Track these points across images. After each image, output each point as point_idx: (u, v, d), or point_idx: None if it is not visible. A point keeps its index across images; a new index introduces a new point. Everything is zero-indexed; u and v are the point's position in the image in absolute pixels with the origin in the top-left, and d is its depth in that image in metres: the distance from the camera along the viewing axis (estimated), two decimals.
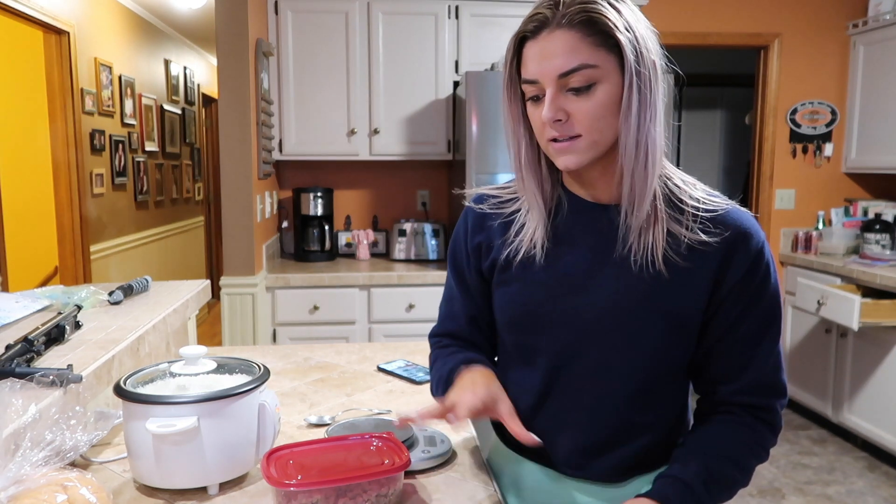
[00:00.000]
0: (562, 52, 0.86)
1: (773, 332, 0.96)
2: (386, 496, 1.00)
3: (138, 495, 1.05)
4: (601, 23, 0.85)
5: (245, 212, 2.93)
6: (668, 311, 0.93)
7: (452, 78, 3.38)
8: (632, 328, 0.94)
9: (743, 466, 0.95)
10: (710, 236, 0.91)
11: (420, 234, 3.51)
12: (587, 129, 0.88)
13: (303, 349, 1.85)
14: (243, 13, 2.82)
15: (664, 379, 0.98)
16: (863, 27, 3.82)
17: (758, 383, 0.96)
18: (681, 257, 0.91)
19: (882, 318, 3.10)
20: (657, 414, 0.99)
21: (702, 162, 5.47)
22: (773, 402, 0.97)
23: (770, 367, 0.96)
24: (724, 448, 0.95)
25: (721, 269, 0.92)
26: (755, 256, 0.93)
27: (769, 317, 0.95)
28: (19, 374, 1.01)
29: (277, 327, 3.12)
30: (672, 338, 0.94)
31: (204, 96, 6.42)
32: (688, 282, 0.92)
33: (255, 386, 1.06)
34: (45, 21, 3.36)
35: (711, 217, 0.92)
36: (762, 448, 0.97)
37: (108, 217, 4.15)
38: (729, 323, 0.94)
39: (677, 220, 0.92)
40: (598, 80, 0.86)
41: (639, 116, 0.87)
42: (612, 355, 0.95)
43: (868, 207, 3.87)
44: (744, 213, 0.95)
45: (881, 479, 3.19)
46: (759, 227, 0.95)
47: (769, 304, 0.95)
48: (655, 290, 0.92)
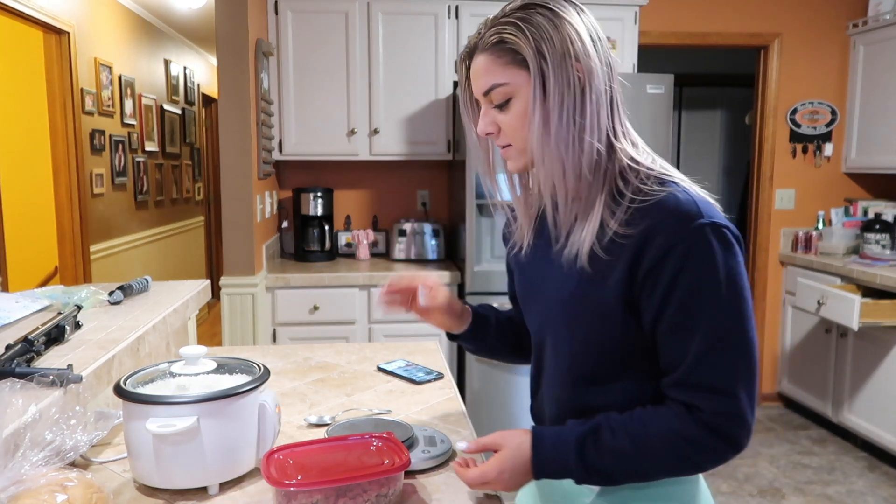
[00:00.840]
0: (481, 74, 0.96)
1: (702, 324, 0.88)
2: (386, 496, 1.00)
3: (138, 495, 1.05)
4: (510, 42, 0.93)
5: (245, 212, 2.93)
6: (593, 303, 0.95)
7: (452, 78, 3.38)
8: (568, 318, 0.99)
9: (640, 442, 0.91)
10: (632, 227, 0.90)
11: (420, 234, 3.51)
12: (512, 139, 0.98)
13: (303, 349, 1.85)
14: (243, 13, 2.82)
15: (609, 366, 0.98)
16: (863, 27, 3.82)
17: (682, 379, 0.90)
18: (604, 250, 0.93)
19: (882, 318, 3.10)
20: (610, 398, 0.98)
21: (702, 162, 5.47)
22: (699, 400, 0.89)
23: (699, 363, 0.88)
24: (631, 420, 0.93)
25: (635, 260, 0.90)
26: (671, 242, 0.88)
27: (692, 307, 0.88)
28: (19, 374, 1.01)
29: (277, 327, 3.12)
30: (601, 328, 0.96)
31: (204, 96, 6.42)
32: (608, 274, 0.93)
33: (255, 386, 1.06)
34: (45, 21, 3.36)
35: (640, 208, 0.91)
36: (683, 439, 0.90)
37: (107, 217, 4.15)
38: (652, 313, 0.91)
39: (612, 212, 0.93)
40: (513, 94, 0.95)
41: (543, 124, 0.92)
42: (560, 341, 1.02)
43: (868, 207, 3.87)
44: (680, 199, 0.90)
45: (881, 479, 3.19)
46: (699, 211, 0.89)
47: (692, 293, 0.88)
48: (581, 283, 0.96)
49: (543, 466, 0.95)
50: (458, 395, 1.53)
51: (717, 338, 0.88)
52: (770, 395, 4.19)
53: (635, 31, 3.43)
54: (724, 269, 0.88)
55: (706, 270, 0.87)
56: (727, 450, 0.89)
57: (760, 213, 4.07)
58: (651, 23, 3.75)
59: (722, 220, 0.90)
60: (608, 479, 0.94)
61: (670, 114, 3.08)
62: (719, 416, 0.88)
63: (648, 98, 3.04)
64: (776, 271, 4.10)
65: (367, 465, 1.01)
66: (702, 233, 0.88)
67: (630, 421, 0.93)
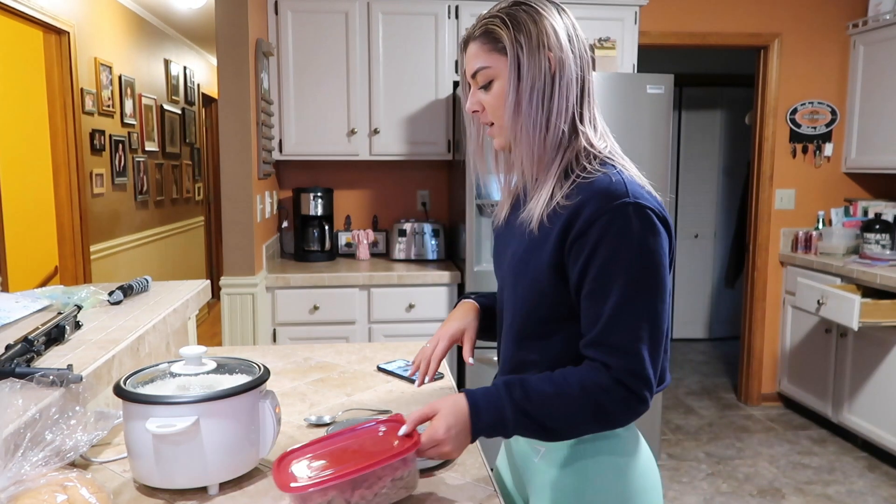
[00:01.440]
0: (471, 58, 1.11)
1: (614, 291, 0.99)
2: (402, 479, 0.99)
3: (138, 495, 1.05)
4: (494, 32, 1.08)
5: (245, 212, 2.93)
6: (532, 265, 1.08)
7: (452, 78, 3.38)
8: (515, 280, 1.13)
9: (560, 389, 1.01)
10: (569, 200, 1.04)
11: (420, 234, 3.51)
12: (494, 117, 1.11)
13: (303, 349, 1.85)
14: (243, 13, 2.82)
15: (541, 325, 1.10)
16: (863, 27, 3.82)
17: (594, 339, 1.02)
18: (547, 220, 1.06)
19: (882, 317, 3.10)
20: (540, 353, 1.11)
21: (702, 162, 5.47)
22: (608, 358, 1.00)
23: (609, 326, 1.00)
24: (553, 373, 1.04)
25: (565, 229, 1.03)
26: (595, 215, 1.00)
27: (607, 276, 1.00)
28: (19, 374, 1.01)
29: (277, 327, 3.12)
30: (536, 289, 1.08)
31: (204, 96, 6.42)
32: (545, 241, 1.06)
33: (255, 386, 1.06)
34: (45, 21, 3.36)
35: (581, 184, 1.04)
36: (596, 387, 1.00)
37: (107, 217, 4.15)
38: (575, 278, 1.04)
39: (562, 187, 1.06)
40: (495, 77, 1.09)
41: (516, 104, 1.06)
42: (509, 301, 1.15)
43: (868, 207, 3.88)
44: (613, 180, 1.02)
45: (881, 479, 3.19)
46: (626, 192, 1.00)
47: (608, 263, 0.99)
48: (527, 248, 1.09)
49: (479, 416, 1.02)
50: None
51: (626, 303, 0.99)
52: (770, 395, 4.19)
53: (635, 31, 3.43)
54: (638, 244, 0.99)
55: (622, 243, 0.99)
56: (634, 401, 1.01)
57: (760, 213, 4.07)
58: (651, 23, 3.75)
59: (648, 202, 1.01)
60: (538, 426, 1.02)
61: (670, 114, 3.08)
62: (624, 372, 1.00)
63: (648, 98, 3.04)
64: (776, 271, 4.10)
65: (377, 453, 0.99)
66: (623, 210, 0.99)
67: (551, 374, 1.05)
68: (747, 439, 3.68)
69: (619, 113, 2.99)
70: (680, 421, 3.93)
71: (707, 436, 3.72)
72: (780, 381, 4.13)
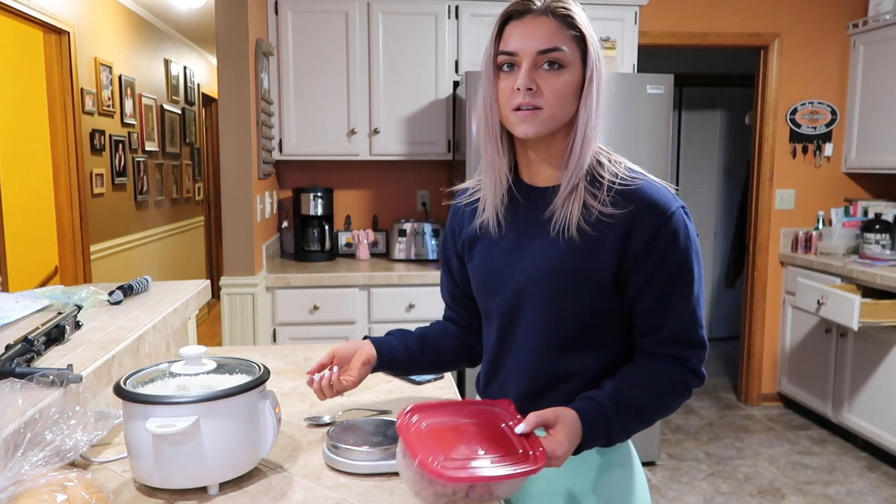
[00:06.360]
0: (544, 34, 1.03)
1: (682, 292, 1.06)
2: None
3: (138, 495, 1.05)
4: (577, 20, 1.04)
5: (245, 212, 2.93)
6: (579, 273, 1.06)
7: (452, 78, 3.38)
8: (553, 289, 1.08)
9: (655, 393, 1.06)
10: (618, 209, 1.04)
11: (420, 234, 3.51)
12: (550, 103, 1.04)
13: (303, 349, 1.85)
14: (243, 13, 2.82)
15: (587, 332, 1.10)
16: (863, 27, 3.82)
17: (671, 337, 1.07)
18: (591, 227, 1.05)
19: (882, 317, 3.10)
20: (584, 363, 1.11)
21: (702, 162, 5.47)
22: (687, 352, 1.08)
23: (683, 323, 1.07)
24: (637, 377, 1.07)
25: (624, 239, 1.04)
26: (657, 228, 1.04)
27: (676, 279, 1.06)
28: (19, 374, 1.01)
29: (277, 327, 3.12)
30: (584, 296, 1.07)
31: (204, 96, 6.42)
32: (596, 249, 1.05)
33: (255, 386, 1.06)
34: (45, 21, 3.36)
35: (622, 191, 1.05)
36: (681, 384, 1.08)
37: (107, 217, 4.15)
38: (639, 286, 1.06)
39: (594, 194, 1.06)
40: (567, 64, 1.04)
41: (595, 102, 1.05)
42: (542, 313, 1.10)
43: (868, 207, 3.87)
44: (655, 187, 1.06)
45: (881, 479, 3.19)
46: (671, 199, 1.06)
47: (675, 269, 1.06)
48: (568, 255, 1.06)
49: (587, 440, 1.01)
50: (458, 395, 1.53)
51: (695, 300, 1.07)
52: (770, 395, 4.19)
53: (635, 31, 3.43)
54: (694, 244, 1.08)
55: (687, 247, 1.06)
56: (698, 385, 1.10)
57: (760, 213, 4.07)
58: (651, 23, 3.75)
59: (679, 200, 1.08)
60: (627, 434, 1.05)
61: (670, 114, 3.08)
62: (700, 362, 1.09)
63: (648, 98, 3.04)
64: (776, 271, 4.10)
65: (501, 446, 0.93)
66: (680, 218, 1.05)
67: (637, 377, 1.06)
68: (747, 439, 3.68)
69: (619, 113, 2.98)
70: (680, 421, 3.93)
71: (707, 436, 3.72)
72: (780, 381, 4.13)
